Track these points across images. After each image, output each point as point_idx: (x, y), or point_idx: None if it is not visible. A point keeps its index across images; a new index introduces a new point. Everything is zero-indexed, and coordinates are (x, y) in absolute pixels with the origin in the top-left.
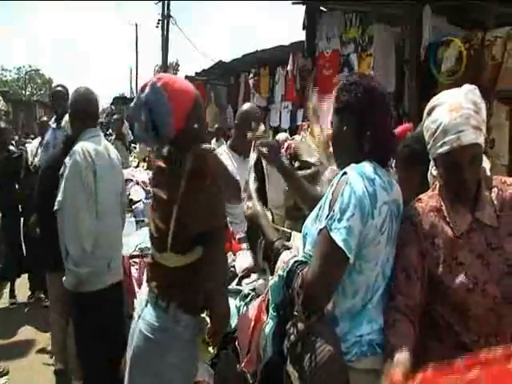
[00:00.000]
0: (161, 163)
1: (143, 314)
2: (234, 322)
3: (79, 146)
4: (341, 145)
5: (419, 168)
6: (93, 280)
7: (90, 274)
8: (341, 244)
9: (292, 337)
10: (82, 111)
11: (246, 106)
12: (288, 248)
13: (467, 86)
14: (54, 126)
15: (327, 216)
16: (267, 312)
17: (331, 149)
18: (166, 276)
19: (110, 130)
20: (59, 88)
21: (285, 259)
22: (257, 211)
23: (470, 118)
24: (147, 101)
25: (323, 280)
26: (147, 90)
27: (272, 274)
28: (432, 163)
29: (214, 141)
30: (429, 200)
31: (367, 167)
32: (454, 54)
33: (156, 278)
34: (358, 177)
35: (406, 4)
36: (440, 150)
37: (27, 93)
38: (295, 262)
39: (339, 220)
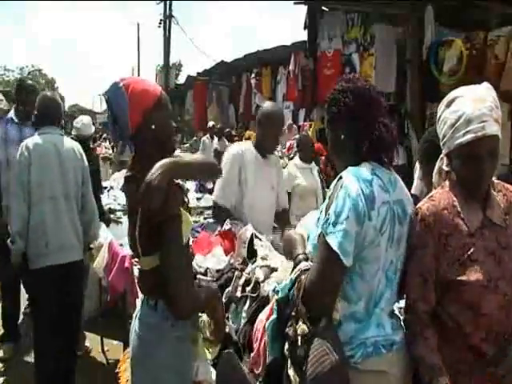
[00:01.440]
0: (127, 174)
1: (138, 314)
2: (242, 321)
3: (22, 143)
4: (339, 153)
5: None
6: (33, 259)
7: (28, 252)
8: (336, 248)
9: (291, 339)
10: (42, 113)
11: (269, 105)
12: (307, 259)
13: (486, 84)
14: (16, 119)
15: (323, 220)
16: None
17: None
18: (148, 278)
19: None
20: (30, 82)
21: (301, 267)
22: (290, 233)
23: (493, 110)
24: (109, 97)
25: (321, 283)
26: (109, 87)
27: None
28: (439, 162)
29: (216, 140)
30: (440, 197)
31: (364, 169)
32: (455, 54)
33: (142, 281)
34: (353, 179)
35: (407, 4)
36: (461, 140)
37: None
38: (304, 269)
39: (334, 224)
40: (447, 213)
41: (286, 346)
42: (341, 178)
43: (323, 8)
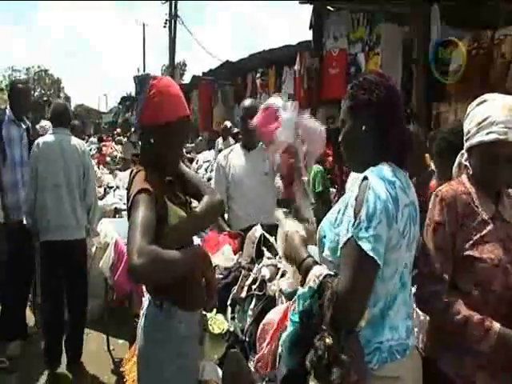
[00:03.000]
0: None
1: (145, 313)
2: (248, 320)
3: (36, 140)
4: (356, 145)
5: (454, 159)
6: (41, 232)
7: (36, 227)
8: (371, 253)
9: (319, 351)
10: (56, 117)
11: (247, 102)
12: (318, 263)
13: None
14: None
15: (353, 224)
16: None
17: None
18: None
19: (119, 130)
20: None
21: (316, 273)
22: (290, 233)
23: None
24: (138, 80)
25: (356, 292)
26: (143, 75)
27: (302, 286)
28: (459, 157)
29: (220, 140)
30: (458, 185)
31: (386, 170)
32: (461, 54)
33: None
34: (380, 181)
35: (413, 3)
36: (484, 138)
37: (36, 93)
38: (326, 275)
39: (367, 228)
40: (465, 197)
41: (310, 357)
42: (366, 178)
43: (329, 8)
